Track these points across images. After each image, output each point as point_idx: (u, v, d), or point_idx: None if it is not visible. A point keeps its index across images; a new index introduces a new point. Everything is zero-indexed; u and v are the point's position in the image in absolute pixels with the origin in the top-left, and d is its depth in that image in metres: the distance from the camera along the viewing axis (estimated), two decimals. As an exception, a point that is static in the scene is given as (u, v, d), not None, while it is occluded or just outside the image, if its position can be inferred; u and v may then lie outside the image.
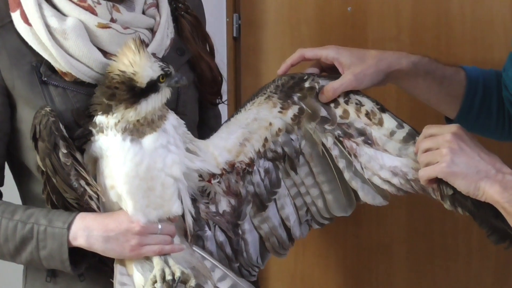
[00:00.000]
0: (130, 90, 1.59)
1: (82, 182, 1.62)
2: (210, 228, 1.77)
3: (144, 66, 1.59)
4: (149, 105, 1.61)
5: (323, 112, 1.75)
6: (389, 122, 1.72)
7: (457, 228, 2.30)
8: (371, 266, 2.39)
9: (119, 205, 1.64)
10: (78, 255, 1.65)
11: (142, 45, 1.60)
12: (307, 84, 1.75)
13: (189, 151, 1.70)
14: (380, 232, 2.37)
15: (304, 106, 1.75)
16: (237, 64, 2.46)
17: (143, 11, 1.75)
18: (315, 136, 1.76)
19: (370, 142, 1.73)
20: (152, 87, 1.60)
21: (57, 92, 1.66)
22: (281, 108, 1.76)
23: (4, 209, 1.65)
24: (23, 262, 1.68)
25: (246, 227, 1.78)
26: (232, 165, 1.75)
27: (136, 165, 1.61)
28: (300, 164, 1.78)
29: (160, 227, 1.65)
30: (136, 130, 1.61)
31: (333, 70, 1.78)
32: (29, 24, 1.64)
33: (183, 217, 1.70)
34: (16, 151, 1.71)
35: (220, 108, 1.97)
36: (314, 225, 1.81)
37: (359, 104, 1.74)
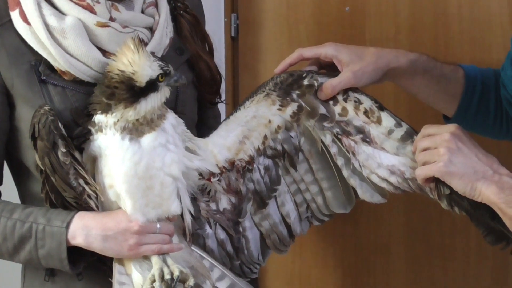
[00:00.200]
0: (130, 89, 1.59)
1: (81, 181, 1.62)
2: (211, 226, 1.76)
3: (143, 65, 1.59)
4: (149, 104, 1.61)
5: (322, 110, 1.75)
6: (388, 121, 1.72)
7: (455, 228, 2.30)
8: (369, 266, 2.39)
9: (118, 204, 1.64)
10: (77, 254, 1.64)
11: (141, 44, 1.60)
12: (306, 82, 1.75)
13: (189, 150, 1.69)
14: (378, 232, 2.37)
15: (303, 104, 1.75)
16: (235, 64, 2.46)
17: (142, 10, 1.75)
18: (314, 133, 1.76)
19: (368, 140, 1.73)
20: (152, 86, 1.60)
21: (56, 91, 1.66)
22: (280, 106, 1.76)
23: (3, 208, 1.65)
24: (22, 261, 1.68)
25: (247, 225, 1.78)
26: (232, 163, 1.75)
27: (135, 164, 1.61)
28: (300, 161, 1.78)
29: (159, 226, 1.65)
30: (135, 129, 1.61)
31: (332, 67, 1.77)
32: (28, 23, 1.64)
33: (182, 216, 1.69)
34: (15, 150, 1.71)
35: (219, 108, 1.97)
36: (314, 222, 1.81)
37: (358, 102, 1.74)
